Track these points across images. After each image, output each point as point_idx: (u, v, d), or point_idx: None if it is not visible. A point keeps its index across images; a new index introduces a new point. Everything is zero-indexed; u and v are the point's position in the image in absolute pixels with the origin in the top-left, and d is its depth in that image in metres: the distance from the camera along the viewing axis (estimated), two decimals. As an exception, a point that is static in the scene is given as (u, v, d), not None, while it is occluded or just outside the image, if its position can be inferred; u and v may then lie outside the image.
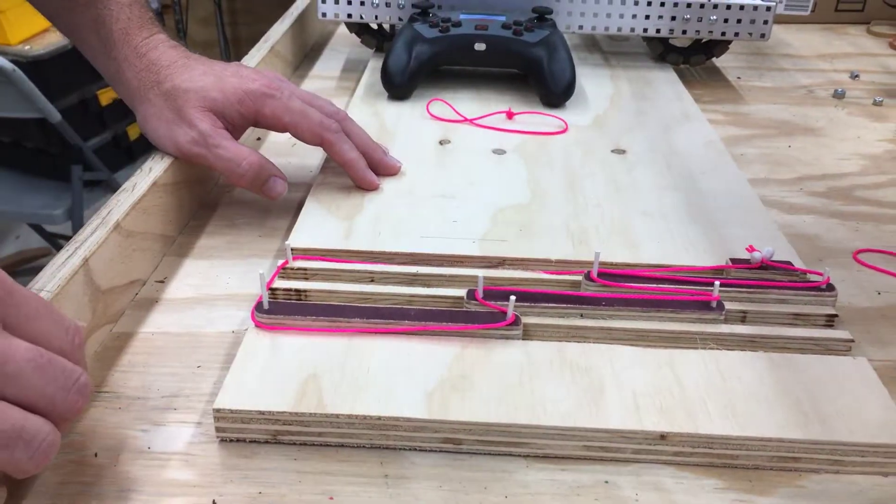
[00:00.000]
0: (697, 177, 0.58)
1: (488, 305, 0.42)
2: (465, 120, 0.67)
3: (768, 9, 0.77)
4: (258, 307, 0.41)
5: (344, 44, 0.92)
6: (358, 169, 0.54)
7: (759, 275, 0.45)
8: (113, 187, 1.63)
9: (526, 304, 0.43)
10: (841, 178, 0.63)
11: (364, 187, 0.54)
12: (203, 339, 0.43)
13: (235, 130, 0.53)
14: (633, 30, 0.79)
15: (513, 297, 0.41)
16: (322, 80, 0.82)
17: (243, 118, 0.53)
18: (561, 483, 0.35)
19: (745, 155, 0.66)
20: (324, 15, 0.79)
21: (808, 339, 0.42)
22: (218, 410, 0.36)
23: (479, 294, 0.43)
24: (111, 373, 0.41)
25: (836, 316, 0.43)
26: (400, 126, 0.66)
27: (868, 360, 0.40)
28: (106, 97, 1.68)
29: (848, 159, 0.66)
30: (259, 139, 0.67)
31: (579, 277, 0.45)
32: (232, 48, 2.58)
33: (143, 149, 1.80)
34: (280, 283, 0.45)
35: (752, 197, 0.55)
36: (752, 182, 0.60)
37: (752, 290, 0.44)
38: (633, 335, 0.42)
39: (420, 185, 0.56)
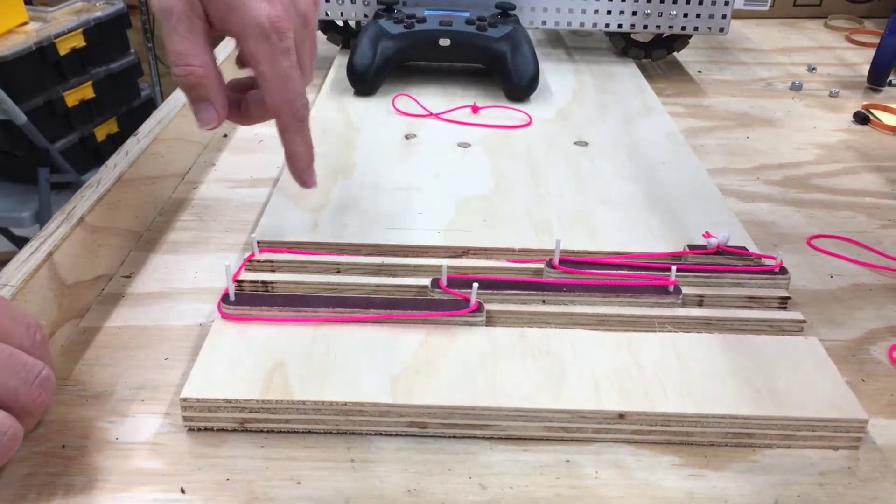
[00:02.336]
0: (657, 167, 0.59)
1: (452, 293, 0.43)
2: (431, 114, 0.68)
3: (726, 3, 0.78)
4: (224, 298, 0.42)
5: (310, 41, 0.92)
6: (304, 163, 0.46)
7: (715, 260, 0.47)
8: (80, 189, 1.62)
9: (489, 291, 0.44)
10: (797, 167, 0.64)
11: (300, 184, 0.46)
12: (170, 333, 0.44)
13: (214, 28, 0.42)
14: (595, 25, 0.80)
15: (475, 285, 0.42)
16: (289, 77, 0.82)
17: (223, 29, 0.42)
18: (524, 463, 0.36)
19: (705, 146, 0.68)
20: (289, 12, 0.79)
21: (762, 321, 0.43)
22: (185, 399, 0.36)
23: (443, 282, 0.44)
24: (78, 366, 0.41)
25: (788, 298, 0.44)
26: (366, 121, 0.66)
27: (820, 339, 0.42)
28: (72, 98, 1.66)
29: (804, 149, 0.68)
30: (226, 136, 0.68)
31: (541, 265, 0.46)
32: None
33: (110, 150, 1.79)
34: (247, 276, 0.46)
35: (710, 186, 0.56)
36: (711, 172, 0.61)
37: (708, 274, 0.45)
38: (594, 319, 0.43)
39: (386, 178, 0.56)
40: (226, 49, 0.75)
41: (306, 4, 0.42)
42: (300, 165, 0.45)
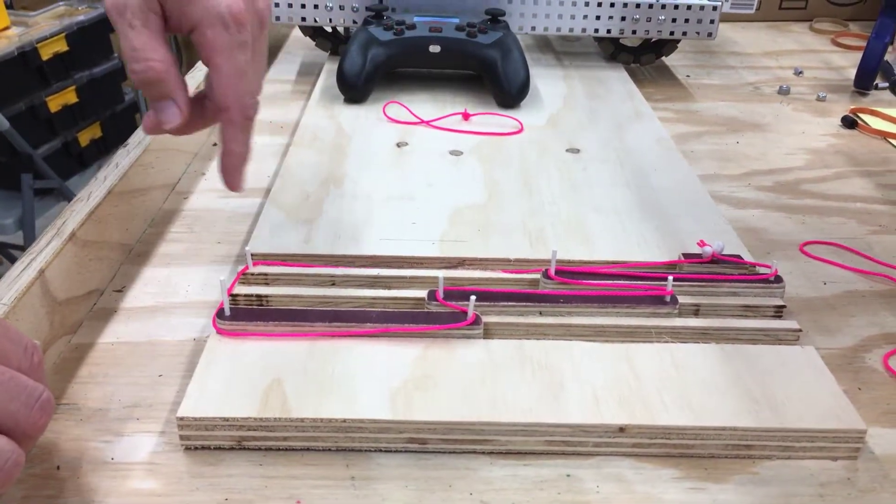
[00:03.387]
0: (649, 174, 0.59)
1: (449, 306, 0.43)
2: (422, 122, 0.67)
3: (714, 8, 0.79)
4: (219, 314, 0.41)
5: (299, 47, 0.92)
6: (238, 163, 0.43)
7: (710, 269, 0.47)
8: (65, 195, 1.61)
9: (486, 303, 0.44)
10: (787, 172, 0.65)
11: (228, 185, 0.43)
12: (164, 348, 0.43)
13: (170, 25, 0.41)
14: (584, 30, 0.80)
15: (473, 297, 0.42)
16: (277, 83, 0.81)
17: (178, 25, 0.40)
18: (524, 478, 0.36)
19: (695, 151, 0.68)
20: (277, 18, 0.78)
21: (759, 330, 0.43)
22: (181, 418, 0.36)
23: (440, 295, 0.43)
24: (71, 384, 0.41)
25: (784, 307, 0.45)
26: (357, 129, 0.66)
27: (816, 348, 0.42)
28: (55, 103, 1.65)
29: (793, 154, 0.68)
30: (215, 144, 0.67)
31: (537, 276, 0.46)
32: (184, 52, 2.54)
33: (94, 155, 1.78)
34: (241, 289, 0.45)
35: (702, 192, 0.56)
36: (702, 178, 0.61)
37: (704, 283, 0.45)
38: (591, 331, 0.43)
39: (378, 187, 0.56)
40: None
41: (264, 4, 0.42)
42: (234, 164, 0.43)
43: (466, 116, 0.68)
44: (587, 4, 0.78)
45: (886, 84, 0.83)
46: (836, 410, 0.37)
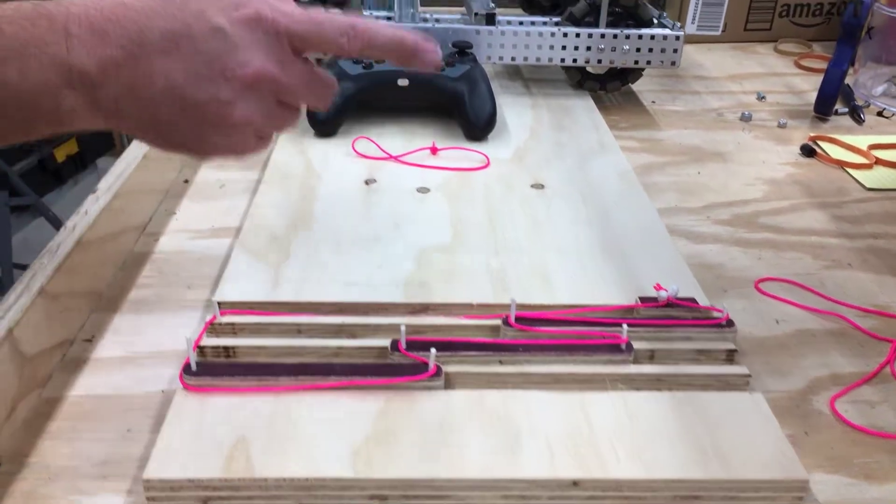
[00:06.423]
0: (611, 209, 0.61)
1: (411, 356, 0.44)
2: (390, 157, 0.69)
3: (677, 38, 0.80)
4: (186, 369, 0.42)
5: (270, 74, 0.92)
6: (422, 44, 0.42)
7: (665, 312, 0.48)
8: (41, 211, 1.60)
9: (447, 353, 0.45)
10: (745, 204, 0.66)
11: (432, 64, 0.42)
12: (132, 401, 0.44)
13: None
14: (550, 60, 0.81)
15: (433, 350, 0.43)
16: (248, 114, 0.82)
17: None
18: (481, 531, 0.37)
19: (657, 183, 0.69)
20: (247, 51, 0.79)
21: (710, 376, 0.45)
22: (148, 480, 0.37)
23: (402, 345, 0.45)
24: (41, 441, 0.41)
25: (735, 351, 0.46)
26: (326, 166, 0.67)
27: (765, 391, 0.44)
28: (29, 119, 1.64)
29: (752, 185, 0.70)
30: (187, 181, 0.68)
31: (499, 321, 0.48)
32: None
33: (70, 171, 1.77)
34: (208, 341, 0.46)
35: (661, 231, 0.58)
36: (663, 211, 0.63)
37: (658, 329, 0.47)
38: (549, 379, 0.44)
39: (345, 229, 0.57)
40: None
41: None
42: (426, 47, 0.42)
43: (434, 151, 0.70)
44: (553, 35, 0.80)
45: (846, 109, 0.85)
46: (780, 459, 0.39)
